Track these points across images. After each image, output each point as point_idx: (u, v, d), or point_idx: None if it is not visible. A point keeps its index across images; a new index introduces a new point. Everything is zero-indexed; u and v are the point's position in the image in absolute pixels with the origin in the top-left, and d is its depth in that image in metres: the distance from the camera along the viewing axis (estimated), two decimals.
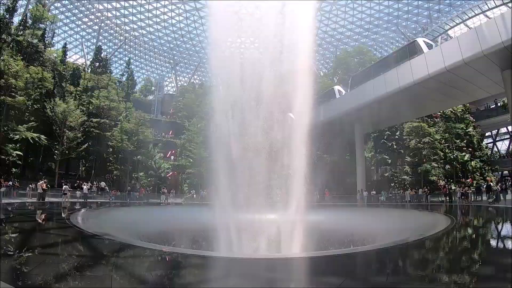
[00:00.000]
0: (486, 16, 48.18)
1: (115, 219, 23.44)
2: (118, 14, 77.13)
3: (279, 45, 74.96)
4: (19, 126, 35.93)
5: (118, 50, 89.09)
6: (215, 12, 67.60)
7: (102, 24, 79.19)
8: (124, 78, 72.25)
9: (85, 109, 48.88)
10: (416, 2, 68.40)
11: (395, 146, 51.80)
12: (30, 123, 37.76)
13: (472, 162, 41.85)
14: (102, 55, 66.15)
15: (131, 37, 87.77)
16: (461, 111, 43.80)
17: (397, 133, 51.66)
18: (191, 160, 61.83)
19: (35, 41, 42.73)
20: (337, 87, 50.24)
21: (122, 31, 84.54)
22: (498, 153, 56.60)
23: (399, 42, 78.51)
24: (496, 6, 45.34)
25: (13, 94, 34.80)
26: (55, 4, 66.28)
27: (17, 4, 44.75)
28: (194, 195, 52.61)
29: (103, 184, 46.32)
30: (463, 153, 41.81)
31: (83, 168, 52.69)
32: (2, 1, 41.49)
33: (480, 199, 33.94)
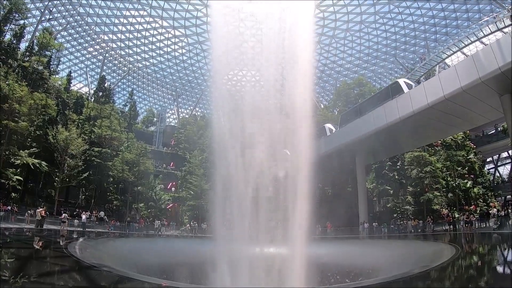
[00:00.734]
0: (482, 43, 49.10)
1: (113, 250, 23.08)
2: (122, 45, 78.61)
3: (280, 78, 75.81)
4: (21, 151, 36.01)
5: (122, 80, 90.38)
6: (216, 46, 69.04)
7: (107, 55, 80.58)
8: (126, 109, 73.07)
9: (87, 137, 49.00)
10: (413, 32, 69.87)
11: (396, 177, 51.62)
12: (32, 149, 37.88)
13: (475, 189, 41.56)
14: (105, 85, 67.02)
15: (135, 68, 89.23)
16: (461, 138, 43.87)
17: (398, 163, 51.55)
18: (192, 192, 61.67)
19: (40, 67, 43.38)
20: (328, 125, 51.74)
21: (126, 62, 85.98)
22: (500, 178, 56.33)
23: (398, 73, 79.74)
24: (492, 32, 46.25)
25: (16, 119, 35.02)
26: (62, 33, 67.67)
27: (25, 31, 45.67)
28: (196, 228, 51.98)
29: (102, 213, 45.92)
30: (465, 180, 41.57)
31: (83, 196, 52.41)
32: (9, 27, 42.41)
33: (484, 225, 33.43)
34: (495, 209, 33.62)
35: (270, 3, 58.59)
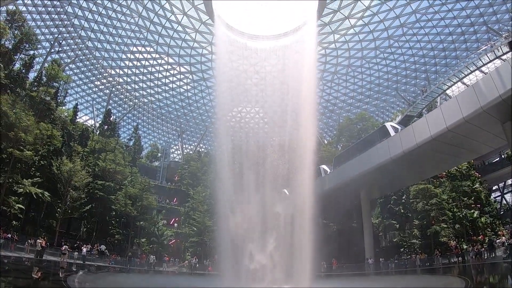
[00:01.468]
0: (482, 71, 49.83)
1: (113, 286, 22.51)
2: (129, 80, 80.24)
3: (283, 114, 76.99)
4: (24, 180, 35.99)
5: (127, 115, 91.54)
6: (221, 83, 70.26)
7: (113, 89, 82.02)
8: (131, 143, 73.59)
9: (91, 170, 49.07)
10: (414, 65, 71.11)
11: (402, 210, 51.05)
12: (35, 179, 37.87)
13: (482, 219, 40.83)
14: (111, 118, 67.95)
15: (140, 103, 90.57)
16: (466, 168, 43.60)
17: (404, 197, 51.10)
18: (195, 228, 61.16)
19: (47, 98, 43.99)
20: (323, 166, 53.79)
21: (131, 97, 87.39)
22: (507, 206, 55.47)
23: (400, 106, 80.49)
24: (490, 61, 46.96)
25: (21, 147, 35.20)
26: (70, 65, 69.41)
27: (34, 61, 46.78)
28: (196, 265, 51.11)
29: (103, 247, 45.24)
30: (472, 211, 40.91)
31: (85, 229, 51.85)
32: (20, 56, 43.45)
33: (494, 256, 32.54)
34: (503, 238, 32.81)
35: (273, 41, 60.33)
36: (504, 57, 42.24)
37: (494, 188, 55.86)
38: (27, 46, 44.17)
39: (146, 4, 59.10)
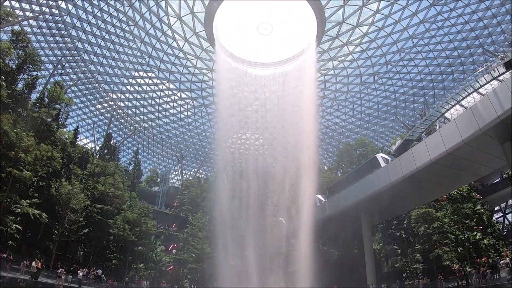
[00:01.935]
0: (479, 93, 50.26)
1: None
2: (130, 104, 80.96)
3: (283, 141, 77.33)
4: (22, 200, 35.56)
5: (127, 139, 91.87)
6: (221, 109, 70.82)
7: (114, 113, 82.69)
8: (131, 167, 73.46)
9: (89, 193, 48.63)
10: (412, 90, 72.01)
11: (403, 235, 50.43)
12: (34, 199, 37.41)
13: (485, 240, 40.21)
14: (111, 142, 68.06)
15: (141, 127, 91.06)
16: (466, 190, 43.31)
17: (405, 222, 50.59)
18: (194, 255, 60.45)
19: (49, 119, 43.93)
20: (318, 196, 55.21)
21: (132, 121, 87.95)
22: (510, 226, 54.73)
23: (399, 131, 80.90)
24: (487, 82, 47.42)
25: (20, 167, 34.93)
26: (72, 88, 70.44)
27: (37, 82, 47.13)
28: None
29: (100, 271, 44.32)
30: (474, 233, 40.33)
31: (81, 252, 50.93)
32: (23, 76, 43.84)
33: (498, 277, 31.86)
34: (507, 258, 32.22)
35: (273, 67, 61.18)
36: (501, 77, 42.76)
37: (496, 209, 55.34)
38: (31, 67, 44.62)
39: (148, 30, 60.32)
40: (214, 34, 58.54)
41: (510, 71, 39.73)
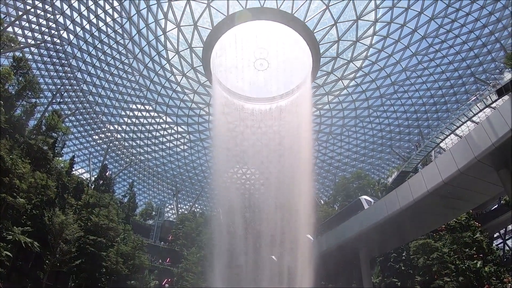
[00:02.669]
0: (473, 121, 50.87)
1: None
2: (126, 136, 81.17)
3: (280, 175, 77.45)
4: (15, 227, 34.85)
5: (123, 171, 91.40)
6: (217, 144, 71.13)
7: (111, 144, 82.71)
8: (126, 200, 72.61)
9: (83, 224, 47.74)
10: (406, 121, 72.85)
11: (403, 268, 49.55)
12: (26, 227, 36.66)
13: (486, 268, 39.36)
14: (107, 173, 67.55)
15: (137, 160, 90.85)
16: (465, 218, 42.90)
17: (404, 254, 49.88)
18: None
19: (45, 147, 43.63)
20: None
21: (128, 153, 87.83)
22: (510, 252, 53.90)
23: (395, 162, 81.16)
24: (481, 110, 48.10)
25: (14, 194, 34.50)
26: (70, 117, 70.64)
27: (35, 109, 47.32)
28: None
29: None
30: (475, 261, 39.62)
31: (73, 284, 49.26)
32: (21, 102, 44.00)
33: None
34: (509, 285, 31.54)
35: (269, 103, 62.29)
36: (493, 105, 43.54)
37: (495, 235, 54.79)
38: (30, 93, 44.96)
39: (147, 63, 61.49)
40: (211, 69, 59.86)
41: (502, 97, 40.54)
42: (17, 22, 51.41)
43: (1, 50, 42.40)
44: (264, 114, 69.61)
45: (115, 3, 51.66)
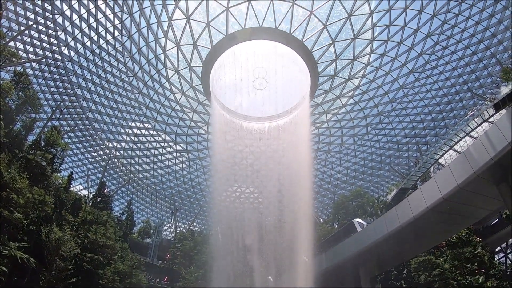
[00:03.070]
0: (471, 136, 51.02)
1: None
2: (125, 154, 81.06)
3: (279, 194, 77.21)
4: (11, 242, 34.40)
5: (121, 188, 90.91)
6: (216, 162, 71.11)
7: (109, 161, 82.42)
8: (123, 217, 72.01)
9: (80, 241, 47.14)
10: (405, 139, 73.12)
11: (404, 285, 49.01)
12: (22, 243, 36.19)
13: (488, 283, 38.82)
14: (105, 191, 67.08)
15: (135, 178, 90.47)
16: (465, 234, 42.61)
17: (405, 271, 49.43)
18: None
19: (43, 163, 43.46)
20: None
21: (127, 171, 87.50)
22: None
23: (394, 180, 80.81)
24: (479, 125, 48.33)
25: (12, 209, 34.21)
26: (69, 133, 70.75)
27: (34, 124, 47.38)
28: None
29: None
30: (477, 276, 39.16)
31: None
32: (21, 117, 44.02)
33: None
34: None
35: (268, 121, 62.60)
36: (491, 119, 43.84)
37: (497, 249, 54.29)
38: (30, 108, 45.19)
39: (147, 81, 61.95)
40: (210, 88, 60.29)
41: (500, 112, 40.81)
42: (19, 37, 52.15)
43: (3, 64, 42.78)
44: (263, 133, 69.76)
45: (116, 21, 52.39)
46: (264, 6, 49.82)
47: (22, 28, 51.27)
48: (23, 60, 52.15)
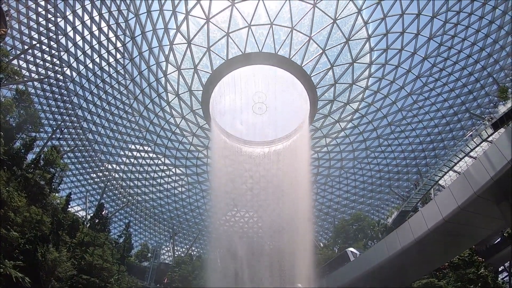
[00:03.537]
0: (471, 157, 50.93)
1: None
2: (124, 176, 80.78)
3: (278, 218, 76.90)
4: (6, 260, 33.89)
5: (120, 211, 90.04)
6: (215, 187, 71.03)
7: (108, 183, 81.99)
8: (121, 240, 71.11)
9: (76, 263, 46.53)
10: (404, 161, 72.99)
11: None
12: (18, 262, 35.65)
13: None
14: (103, 212, 66.56)
15: (134, 200, 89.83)
16: (468, 254, 42.00)
17: None
18: None
19: (42, 182, 43.38)
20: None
21: (126, 193, 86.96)
22: None
23: (394, 203, 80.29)
24: (478, 145, 48.32)
25: (8, 227, 33.87)
26: (69, 154, 70.63)
27: (34, 143, 47.34)
28: None
29: None
30: None
31: None
32: (21, 135, 44.04)
33: None
34: None
35: (267, 146, 62.99)
36: (490, 138, 44.02)
37: (500, 269, 53.44)
38: (30, 127, 45.40)
39: (147, 104, 62.49)
40: (210, 112, 60.81)
41: (498, 131, 41.02)
42: (22, 56, 52.95)
43: (5, 82, 43.25)
44: (263, 158, 69.96)
45: (118, 44, 53.33)
46: (264, 31, 50.88)
47: (26, 47, 52.20)
48: (25, 79, 52.85)
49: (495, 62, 53.85)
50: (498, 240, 51.96)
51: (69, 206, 58.75)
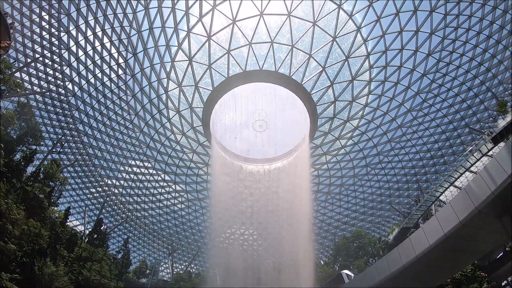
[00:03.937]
0: (471, 171, 50.78)
1: None
2: (124, 192, 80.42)
3: (278, 236, 76.50)
4: (3, 273, 33.52)
5: (119, 226, 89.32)
6: (215, 204, 70.85)
7: (107, 198, 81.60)
8: (119, 256, 70.47)
9: (74, 278, 46.02)
10: (405, 177, 72.75)
11: None
12: (15, 275, 35.29)
13: None
14: (101, 228, 66.19)
15: (133, 216, 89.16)
16: (470, 270, 41.49)
17: None
18: None
19: (41, 195, 43.28)
20: None
21: (125, 209, 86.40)
22: None
23: (395, 219, 79.70)
24: (478, 160, 48.26)
25: (6, 239, 33.63)
26: (68, 168, 70.49)
27: (34, 156, 47.32)
28: None
29: None
30: None
31: None
32: (21, 148, 44.03)
33: None
34: None
35: (268, 164, 63.10)
36: (490, 153, 44.06)
37: (503, 283, 52.85)
38: (31, 140, 45.45)
39: (148, 121, 62.72)
40: (210, 129, 61.03)
41: (498, 145, 41.09)
42: (25, 68, 53.47)
43: (7, 94, 43.55)
44: (263, 175, 69.93)
45: (121, 60, 53.89)
46: (264, 49, 51.39)
47: (29, 60, 52.80)
48: (27, 91, 53.17)
49: (493, 77, 54.36)
50: (501, 254, 51.63)
51: (68, 220, 58.45)
